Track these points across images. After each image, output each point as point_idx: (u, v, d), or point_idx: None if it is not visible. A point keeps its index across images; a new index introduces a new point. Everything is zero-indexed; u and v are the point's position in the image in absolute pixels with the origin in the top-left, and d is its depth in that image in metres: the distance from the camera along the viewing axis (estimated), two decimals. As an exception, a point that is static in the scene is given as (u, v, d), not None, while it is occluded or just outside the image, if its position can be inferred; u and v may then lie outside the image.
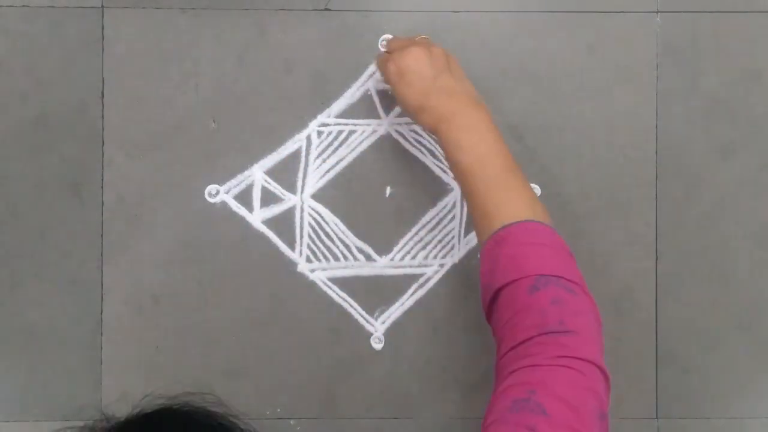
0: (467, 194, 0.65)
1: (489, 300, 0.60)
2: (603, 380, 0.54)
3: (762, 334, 0.81)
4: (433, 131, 0.67)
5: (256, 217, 0.80)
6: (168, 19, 0.79)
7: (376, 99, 0.80)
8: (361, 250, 0.80)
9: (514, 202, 0.62)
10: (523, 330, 0.55)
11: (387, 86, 0.76)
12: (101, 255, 0.79)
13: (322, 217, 0.80)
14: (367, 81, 0.79)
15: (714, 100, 0.81)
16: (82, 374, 0.79)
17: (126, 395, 0.75)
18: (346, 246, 0.80)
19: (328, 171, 0.80)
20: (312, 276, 0.80)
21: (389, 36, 0.79)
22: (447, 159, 0.67)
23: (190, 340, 0.80)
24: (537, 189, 0.80)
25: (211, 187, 0.80)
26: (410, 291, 0.80)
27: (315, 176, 0.80)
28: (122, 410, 0.53)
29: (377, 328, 0.80)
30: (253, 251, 0.80)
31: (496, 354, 0.58)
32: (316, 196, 0.80)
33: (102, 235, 0.80)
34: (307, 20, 0.80)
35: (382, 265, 0.80)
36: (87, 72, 0.79)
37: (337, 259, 0.80)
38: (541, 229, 0.60)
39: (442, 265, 0.81)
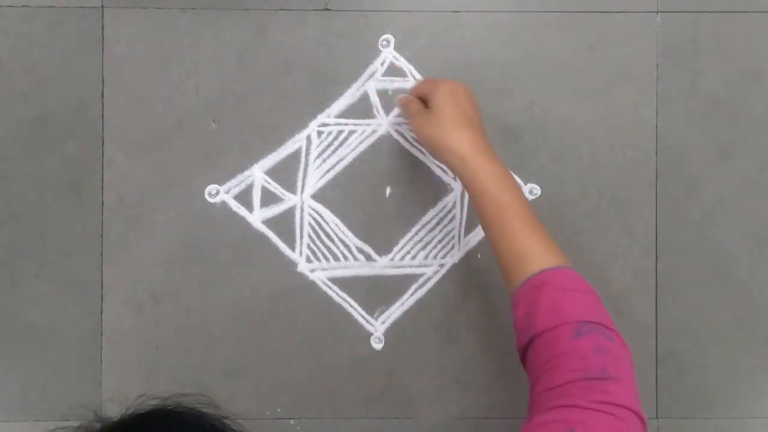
0: (500, 231, 0.64)
1: (526, 342, 0.61)
2: (641, 427, 0.55)
3: (762, 334, 0.81)
4: (465, 157, 0.66)
5: (256, 217, 0.80)
6: (168, 19, 0.79)
7: (376, 99, 0.80)
8: (361, 250, 0.80)
9: (547, 247, 0.63)
10: (564, 373, 0.56)
11: (404, 119, 0.79)
12: (101, 255, 0.79)
13: (322, 217, 0.80)
14: (367, 81, 0.79)
15: (714, 100, 0.81)
16: (82, 374, 0.80)
17: (119, 395, 0.75)
18: (346, 246, 0.80)
19: (328, 171, 0.80)
20: (312, 276, 0.80)
21: (389, 36, 0.79)
22: (477, 190, 0.65)
23: (190, 340, 0.80)
24: (537, 189, 0.80)
25: (211, 187, 0.80)
26: (410, 291, 0.80)
27: (315, 176, 0.80)
28: (116, 410, 0.53)
29: (377, 328, 0.80)
30: (253, 251, 0.80)
31: (531, 391, 0.59)
32: (316, 196, 0.80)
33: (102, 235, 0.80)
34: (307, 20, 0.80)
35: (382, 265, 0.80)
36: (87, 72, 0.79)
37: (337, 259, 0.80)
38: (576, 277, 0.61)
39: (442, 265, 0.81)
